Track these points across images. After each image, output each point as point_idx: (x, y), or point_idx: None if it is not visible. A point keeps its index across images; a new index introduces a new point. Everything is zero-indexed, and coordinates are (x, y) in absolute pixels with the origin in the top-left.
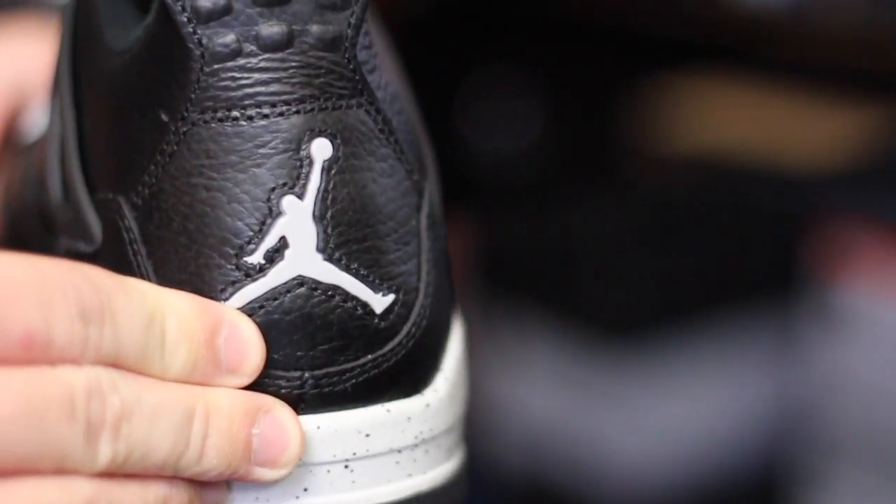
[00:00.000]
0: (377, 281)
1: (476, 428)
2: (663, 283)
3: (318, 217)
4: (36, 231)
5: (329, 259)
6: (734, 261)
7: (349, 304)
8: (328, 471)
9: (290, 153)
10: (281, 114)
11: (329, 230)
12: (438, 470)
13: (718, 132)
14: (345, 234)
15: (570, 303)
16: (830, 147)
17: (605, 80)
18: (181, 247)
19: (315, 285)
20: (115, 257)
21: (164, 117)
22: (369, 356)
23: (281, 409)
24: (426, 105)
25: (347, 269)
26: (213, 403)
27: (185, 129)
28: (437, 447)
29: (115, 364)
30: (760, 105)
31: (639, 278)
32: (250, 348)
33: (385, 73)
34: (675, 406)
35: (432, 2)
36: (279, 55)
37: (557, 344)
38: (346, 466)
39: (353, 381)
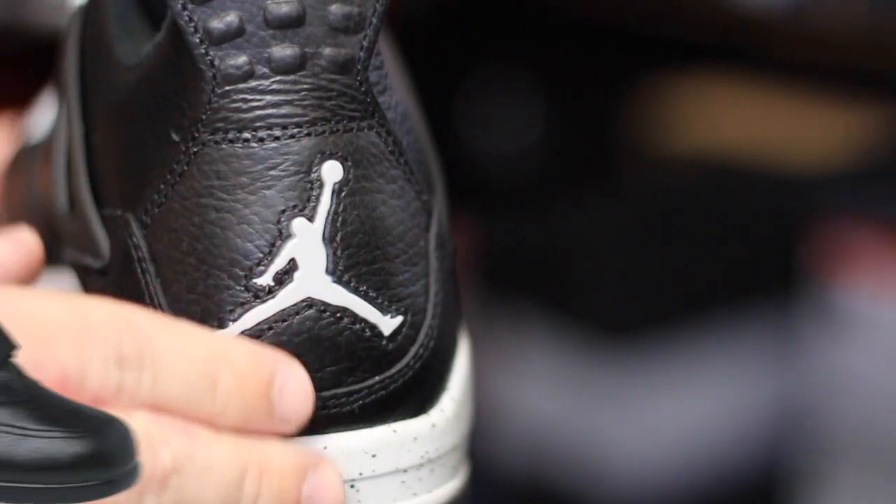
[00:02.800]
0: (386, 303)
1: (476, 428)
2: (663, 283)
3: (328, 239)
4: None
5: (338, 281)
6: (734, 261)
7: (357, 326)
8: None
9: (301, 175)
10: (292, 136)
11: (338, 252)
12: (443, 488)
13: (718, 132)
14: (354, 256)
15: (570, 303)
16: (830, 147)
17: (605, 80)
18: (190, 267)
19: (324, 307)
20: (123, 275)
21: (175, 137)
22: (377, 377)
23: (326, 467)
24: (426, 105)
25: (356, 292)
26: (267, 460)
27: (195, 149)
28: (443, 466)
29: (157, 410)
30: (760, 105)
31: (639, 278)
32: (304, 397)
33: (395, 93)
34: (675, 406)
35: (432, 2)
36: (291, 77)
37: (557, 344)
38: (352, 486)
39: (361, 402)
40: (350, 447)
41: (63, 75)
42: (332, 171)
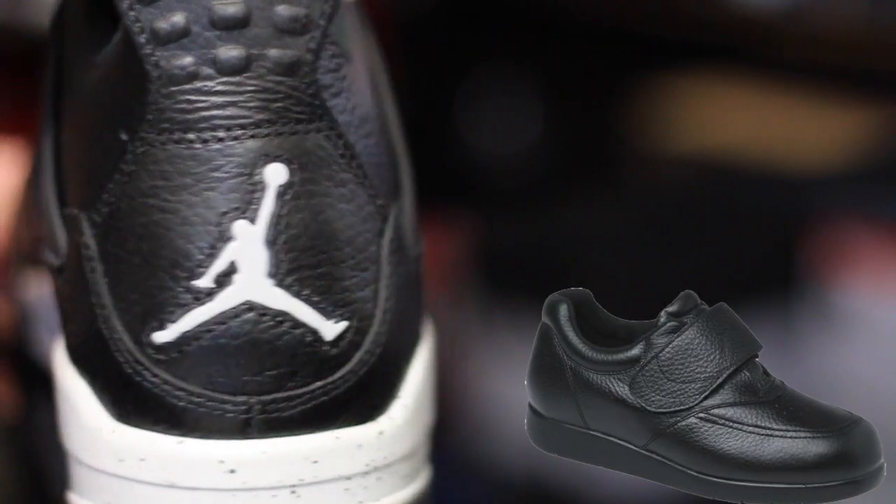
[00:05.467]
0: (330, 308)
1: (476, 428)
2: (663, 283)
3: (270, 242)
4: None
5: (279, 285)
6: (734, 261)
7: (298, 331)
8: (274, 496)
9: (244, 178)
10: (235, 138)
11: (281, 256)
12: (393, 497)
13: (718, 132)
14: (297, 259)
15: None
16: (830, 147)
17: (605, 80)
18: (135, 267)
19: (264, 311)
20: (75, 273)
21: (124, 136)
22: (318, 383)
23: None
24: (426, 105)
25: (298, 296)
26: None
27: (142, 149)
28: (392, 474)
29: None
30: (760, 105)
31: (639, 278)
32: None
33: (355, 96)
34: None
35: (433, 1)
36: (236, 79)
37: None
38: (293, 492)
39: (302, 407)
40: (290, 452)
41: (47, 70)
42: (275, 174)
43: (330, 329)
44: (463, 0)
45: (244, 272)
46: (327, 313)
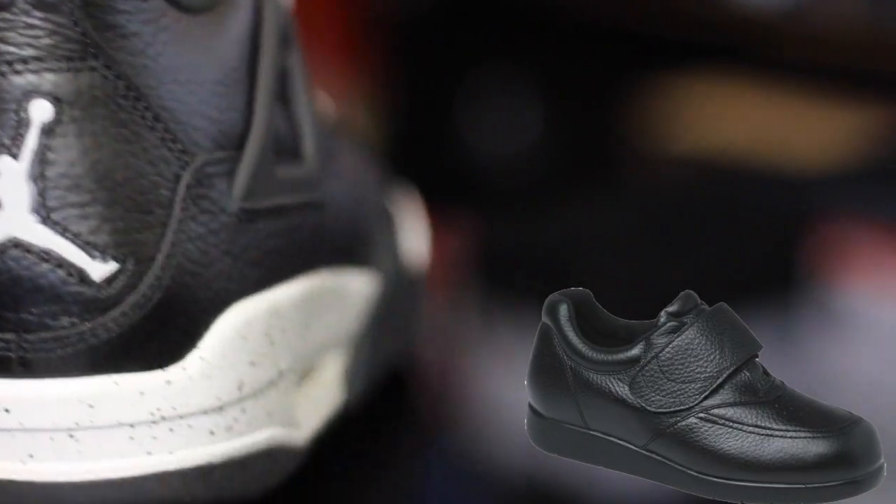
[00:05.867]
0: (99, 247)
1: (476, 427)
2: (663, 283)
3: (34, 179)
4: None
5: (43, 222)
6: (734, 261)
7: (62, 270)
8: (51, 438)
9: (10, 114)
10: (2, 74)
11: (45, 193)
12: (192, 451)
13: (718, 132)
14: (63, 197)
15: None
16: (830, 147)
17: (605, 80)
18: None
19: (28, 248)
20: None
21: None
22: (87, 324)
23: None
24: (426, 105)
25: (64, 234)
26: None
27: None
28: (189, 427)
29: None
30: (760, 105)
31: (639, 278)
32: None
33: (163, 45)
34: None
35: (432, 1)
36: (2, 15)
37: None
38: (70, 436)
39: (72, 348)
40: (63, 395)
41: None
42: (41, 110)
43: (98, 269)
44: (462, 0)
45: (7, 208)
46: (94, 253)
